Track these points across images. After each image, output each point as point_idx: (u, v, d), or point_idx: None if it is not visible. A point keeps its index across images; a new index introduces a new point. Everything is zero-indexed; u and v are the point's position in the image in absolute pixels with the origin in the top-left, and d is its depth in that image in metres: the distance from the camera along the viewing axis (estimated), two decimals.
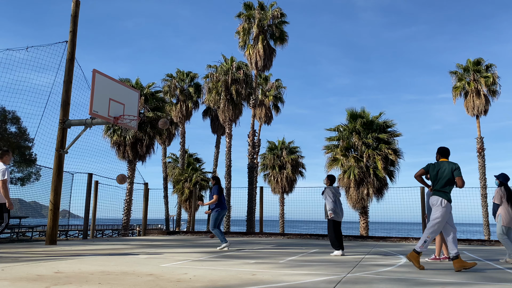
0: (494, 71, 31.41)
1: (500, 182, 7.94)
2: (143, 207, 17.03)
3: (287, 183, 35.95)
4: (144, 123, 25.21)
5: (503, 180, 7.93)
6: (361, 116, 24.47)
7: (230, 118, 30.02)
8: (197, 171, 35.48)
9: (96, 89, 10.20)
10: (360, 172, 23.37)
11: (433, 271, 6.08)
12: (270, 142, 37.92)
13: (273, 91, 38.68)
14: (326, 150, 25.10)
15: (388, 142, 23.86)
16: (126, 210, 25.33)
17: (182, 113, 34.38)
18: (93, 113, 10.07)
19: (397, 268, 6.47)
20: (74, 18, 11.35)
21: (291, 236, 15.60)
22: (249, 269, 6.00)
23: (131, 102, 11.40)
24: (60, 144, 10.74)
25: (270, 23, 29.25)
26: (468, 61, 32.07)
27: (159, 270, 5.81)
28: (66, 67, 11.04)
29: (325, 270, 6.05)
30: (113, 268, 5.91)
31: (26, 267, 5.86)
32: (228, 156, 30.50)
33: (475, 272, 6.09)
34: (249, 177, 28.43)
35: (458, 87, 32.00)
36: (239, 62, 30.82)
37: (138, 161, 26.21)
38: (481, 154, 30.78)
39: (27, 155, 23.19)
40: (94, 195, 14.37)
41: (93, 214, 14.42)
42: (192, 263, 6.79)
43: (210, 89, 30.54)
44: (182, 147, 34.90)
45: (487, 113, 31.15)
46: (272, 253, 8.84)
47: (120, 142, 25.40)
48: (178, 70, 35.56)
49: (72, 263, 6.45)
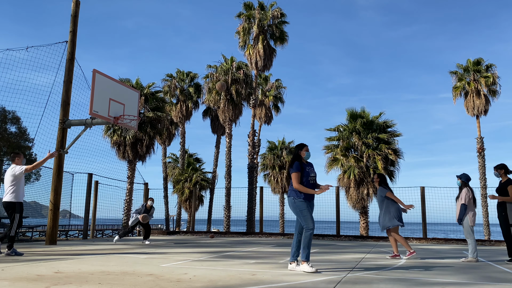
0: (494, 71, 31.40)
1: (463, 182, 7.96)
2: None
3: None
4: (144, 123, 25.20)
5: (466, 180, 7.96)
6: (361, 116, 24.46)
7: (230, 118, 30.02)
8: (197, 171, 35.47)
9: (96, 89, 10.20)
10: (360, 172, 23.36)
11: (433, 271, 6.08)
12: (270, 142, 37.93)
13: (273, 91, 38.66)
14: (326, 150, 25.10)
15: (388, 142, 23.85)
16: (126, 210, 25.33)
17: (182, 113, 34.37)
18: (93, 113, 10.07)
19: (397, 268, 6.47)
20: (74, 18, 11.35)
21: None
22: (249, 269, 6.00)
23: (131, 102, 11.40)
24: (60, 144, 10.74)
25: (270, 23, 29.23)
26: (468, 61, 32.06)
27: (159, 270, 5.81)
28: (66, 67, 11.05)
29: (325, 270, 6.04)
30: (113, 268, 5.91)
31: (26, 267, 5.86)
32: (228, 156, 30.49)
33: (475, 272, 6.09)
34: (249, 177, 28.43)
35: (458, 87, 31.99)
36: (239, 62, 30.81)
37: (138, 161, 26.20)
38: (481, 154, 30.76)
39: (27, 155, 23.19)
40: (94, 195, 14.37)
41: (93, 214, 14.42)
42: (192, 263, 6.78)
43: (210, 89, 30.53)
44: (182, 147, 34.90)
45: (487, 113, 31.16)
46: (272, 253, 8.84)
47: (120, 142, 25.39)
48: (178, 70, 35.54)
49: (72, 263, 6.45)
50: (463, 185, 7.90)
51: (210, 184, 33.79)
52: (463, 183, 7.93)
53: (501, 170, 7.87)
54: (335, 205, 15.97)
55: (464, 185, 7.90)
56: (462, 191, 7.83)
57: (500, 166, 7.93)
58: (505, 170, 7.87)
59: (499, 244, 12.95)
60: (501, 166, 7.92)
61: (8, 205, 7.51)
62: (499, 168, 7.91)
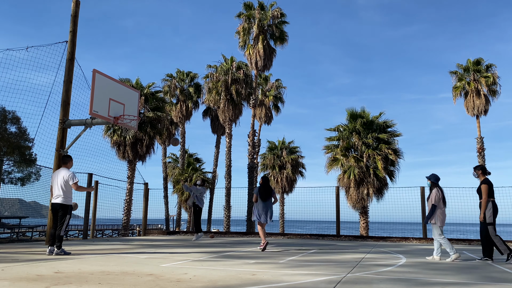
0: (494, 71, 31.39)
1: (432, 182, 7.98)
2: (143, 207, 17.03)
3: (287, 183, 35.94)
4: (144, 123, 25.19)
5: (435, 180, 7.99)
6: (361, 116, 24.45)
7: (230, 118, 30.02)
8: (197, 171, 35.47)
9: (96, 89, 10.19)
10: (360, 172, 23.36)
11: (433, 271, 6.08)
12: (270, 142, 37.92)
13: (273, 91, 38.67)
14: (326, 150, 25.09)
15: (388, 142, 23.84)
16: (126, 210, 25.32)
17: (182, 113, 34.37)
18: (93, 113, 10.07)
19: (397, 268, 6.47)
20: (74, 18, 11.35)
21: (291, 236, 15.60)
22: (249, 269, 6.00)
23: (131, 102, 11.39)
24: (60, 144, 10.74)
25: (270, 23, 29.23)
26: (468, 61, 32.06)
27: (159, 270, 5.81)
28: (66, 67, 11.03)
29: (325, 270, 6.04)
30: (113, 268, 5.90)
31: (26, 267, 5.86)
32: (228, 156, 30.49)
33: (475, 272, 6.09)
34: (249, 177, 28.42)
35: (458, 87, 31.99)
36: (239, 62, 30.80)
37: (138, 161, 26.19)
38: (481, 154, 30.77)
39: (27, 155, 23.19)
40: (94, 195, 14.36)
41: (93, 214, 14.41)
42: (192, 263, 6.78)
43: (210, 89, 30.53)
44: (182, 147, 34.89)
45: (487, 113, 31.16)
46: (272, 253, 8.84)
47: (120, 142, 25.38)
48: (178, 70, 35.55)
49: (72, 263, 6.45)
50: (433, 186, 7.98)
51: (210, 184, 33.78)
52: (432, 183, 8.01)
53: (479, 171, 7.97)
54: (335, 205, 15.96)
55: (434, 185, 7.97)
56: (432, 192, 7.89)
57: (478, 167, 8.03)
58: (483, 170, 7.94)
59: None
60: (479, 167, 8.01)
61: (61, 206, 7.96)
62: (477, 169, 8.00)
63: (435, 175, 8.06)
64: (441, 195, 7.83)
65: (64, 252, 7.89)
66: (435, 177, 8.02)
